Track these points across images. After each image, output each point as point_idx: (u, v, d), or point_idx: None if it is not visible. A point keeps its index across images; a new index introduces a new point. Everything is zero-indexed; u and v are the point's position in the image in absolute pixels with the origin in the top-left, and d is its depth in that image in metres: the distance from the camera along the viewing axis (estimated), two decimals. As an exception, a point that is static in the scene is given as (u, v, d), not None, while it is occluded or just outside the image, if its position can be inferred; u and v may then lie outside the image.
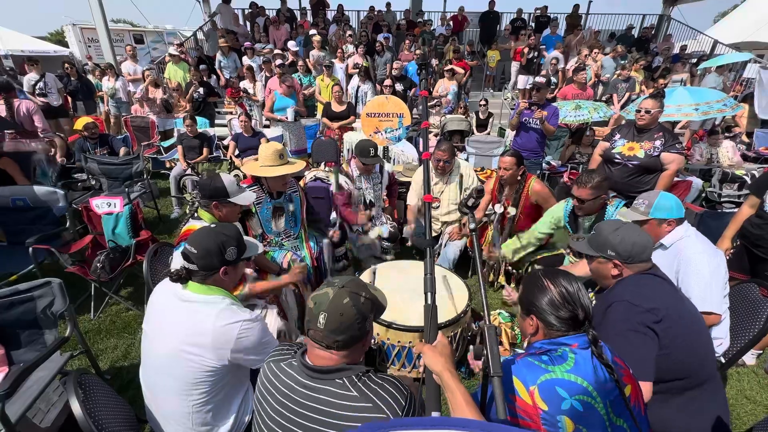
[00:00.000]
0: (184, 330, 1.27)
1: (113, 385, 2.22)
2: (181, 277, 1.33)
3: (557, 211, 2.62)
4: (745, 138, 6.61)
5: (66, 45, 16.28)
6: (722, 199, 4.42)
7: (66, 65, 6.92)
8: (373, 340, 2.18)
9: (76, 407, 1.18)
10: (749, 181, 4.39)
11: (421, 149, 4.87)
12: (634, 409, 1.06)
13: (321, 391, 1.00)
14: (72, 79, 6.83)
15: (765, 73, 6.63)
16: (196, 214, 1.93)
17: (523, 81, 8.27)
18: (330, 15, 10.56)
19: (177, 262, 1.73)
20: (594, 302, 1.58)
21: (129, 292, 3.16)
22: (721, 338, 1.81)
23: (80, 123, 4.48)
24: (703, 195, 4.57)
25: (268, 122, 6.95)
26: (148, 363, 1.40)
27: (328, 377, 1.01)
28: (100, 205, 2.98)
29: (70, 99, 6.94)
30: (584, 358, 1.04)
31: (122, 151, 4.72)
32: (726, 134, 6.11)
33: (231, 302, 1.35)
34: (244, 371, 1.47)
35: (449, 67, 7.04)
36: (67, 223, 3.12)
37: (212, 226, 1.46)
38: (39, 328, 1.91)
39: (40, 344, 1.91)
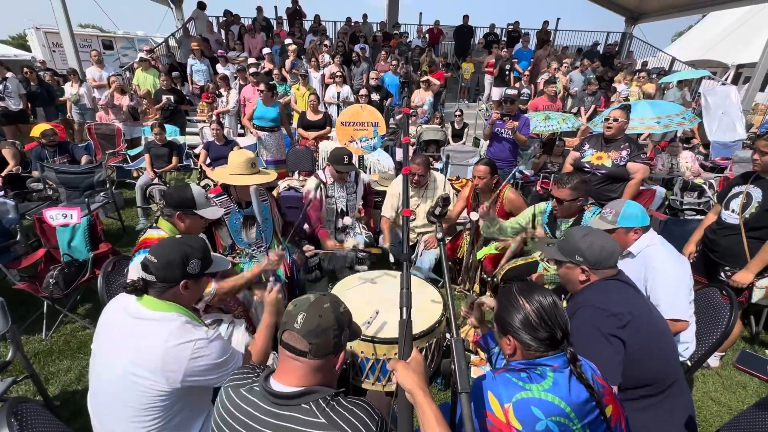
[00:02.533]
0: (133, 351, 1.17)
1: (64, 412, 2.05)
2: (137, 289, 1.23)
3: (537, 209, 2.66)
4: (702, 149, 7.00)
5: (28, 49, 15.57)
6: (684, 207, 4.63)
7: (25, 69, 6.57)
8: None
9: (7, 441, 1.06)
10: (708, 190, 4.63)
11: (397, 159, 4.88)
12: (616, 430, 1.03)
13: (285, 418, 0.93)
14: (31, 84, 6.50)
15: (710, 96, 7.02)
16: (155, 224, 1.82)
17: (498, 93, 8.49)
18: (306, 25, 10.56)
19: (133, 273, 1.62)
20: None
21: (86, 310, 2.96)
22: (687, 342, 1.85)
23: (37, 130, 4.23)
24: (666, 203, 4.77)
25: (242, 130, 6.82)
26: (95, 387, 1.28)
27: (293, 403, 0.95)
28: (54, 216, 2.79)
29: (29, 105, 6.59)
30: (564, 378, 1.01)
31: (84, 159, 4.49)
32: (685, 145, 6.45)
33: (186, 320, 1.25)
34: (205, 392, 1.37)
35: (425, 78, 7.16)
36: (18, 236, 2.91)
37: (177, 237, 1.38)
38: (-24, 352, 1.74)
39: (-23, 370, 1.74)
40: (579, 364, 1.04)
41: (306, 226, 3.20)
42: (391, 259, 2.93)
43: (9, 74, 6.00)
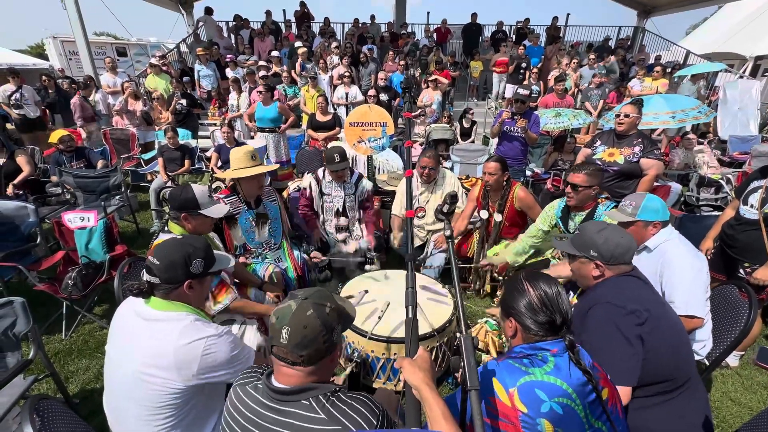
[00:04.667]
0: (145, 351, 1.19)
1: (83, 410, 2.10)
2: (143, 292, 1.25)
3: (551, 208, 2.65)
4: (720, 143, 6.83)
5: (46, 58, 16.00)
6: (700, 203, 4.52)
7: (43, 78, 6.77)
8: (357, 353, 2.13)
9: (30, 436, 1.09)
10: (725, 185, 4.51)
11: (406, 158, 4.86)
12: (612, 413, 1.06)
13: (287, 414, 0.95)
14: (50, 91, 6.69)
15: (730, 90, 6.85)
16: (166, 228, 1.85)
17: (512, 90, 8.41)
18: (315, 27, 10.63)
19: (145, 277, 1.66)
20: (575, 305, 1.57)
21: (104, 310, 3.03)
22: (704, 340, 1.81)
23: (55, 136, 4.35)
24: (682, 199, 4.66)
25: (252, 133, 6.91)
26: (110, 387, 1.31)
27: (293, 398, 0.96)
28: (72, 219, 2.87)
29: (48, 112, 6.78)
30: (564, 362, 1.04)
31: (100, 163, 4.60)
32: (701, 140, 6.31)
33: (196, 318, 1.27)
34: (217, 390, 1.39)
35: (433, 77, 7.14)
36: (38, 239, 2.99)
37: (178, 237, 1.40)
38: (0, 351, 1.80)
39: (1, 368, 1.80)
40: (577, 350, 1.07)
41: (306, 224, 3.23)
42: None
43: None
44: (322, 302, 1.00)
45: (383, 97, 6.51)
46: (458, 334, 2.35)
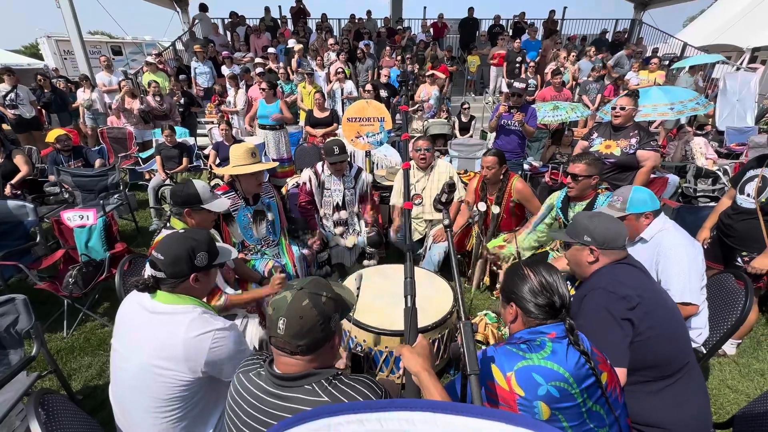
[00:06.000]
0: (154, 344, 1.20)
1: (86, 406, 2.12)
2: (149, 287, 1.26)
3: (552, 200, 2.69)
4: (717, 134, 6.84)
5: (41, 58, 15.91)
6: (697, 194, 4.54)
7: (39, 77, 6.73)
8: (360, 347, 2.15)
9: (36, 430, 1.11)
10: (722, 176, 4.53)
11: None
12: (611, 396, 1.08)
13: (291, 399, 0.96)
14: (45, 91, 6.65)
15: (730, 80, 6.86)
16: (168, 224, 1.86)
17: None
18: (311, 24, 10.59)
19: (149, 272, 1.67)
20: (574, 294, 1.60)
21: (105, 308, 3.04)
22: (700, 328, 1.83)
23: (52, 135, 4.34)
24: (680, 191, 4.68)
25: (251, 130, 6.89)
26: (117, 380, 1.33)
27: (296, 384, 0.97)
28: (71, 218, 2.87)
29: (44, 112, 6.74)
30: (561, 347, 1.07)
31: (98, 162, 4.60)
32: (698, 132, 6.33)
33: (203, 311, 1.29)
34: (223, 384, 1.41)
35: (430, 72, 7.12)
36: (37, 238, 2.99)
37: (181, 231, 1.40)
38: (3, 348, 1.82)
39: (4, 365, 1.81)
40: (576, 333, 1.09)
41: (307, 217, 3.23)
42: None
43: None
44: (318, 292, 1.00)
45: (383, 93, 6.49)
46: (458, 323, 2.37)
